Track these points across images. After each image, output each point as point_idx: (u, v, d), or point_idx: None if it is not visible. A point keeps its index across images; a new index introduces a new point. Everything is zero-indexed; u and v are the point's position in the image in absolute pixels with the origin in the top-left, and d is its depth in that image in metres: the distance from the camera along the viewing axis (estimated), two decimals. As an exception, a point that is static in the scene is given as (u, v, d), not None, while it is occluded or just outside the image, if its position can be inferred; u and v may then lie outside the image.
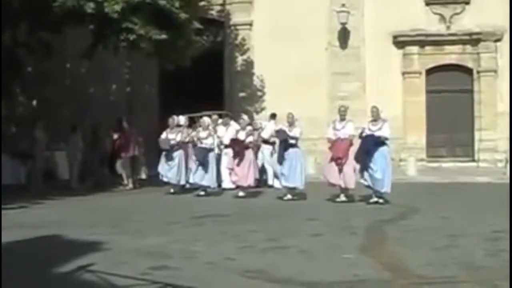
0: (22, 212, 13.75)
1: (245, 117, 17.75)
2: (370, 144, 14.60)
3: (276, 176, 17.39)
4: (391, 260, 8.25)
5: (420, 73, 26.11)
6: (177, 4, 18.56)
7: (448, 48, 26.00)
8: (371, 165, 14.52)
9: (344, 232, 10.54)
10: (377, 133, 14.66)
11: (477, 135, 25.73)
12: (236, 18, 26.81)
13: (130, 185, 19.37)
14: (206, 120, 17.76)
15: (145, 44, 18.42)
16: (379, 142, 14.61)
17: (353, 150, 15.00)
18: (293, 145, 15.80)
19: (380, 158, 14.58)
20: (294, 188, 15.72)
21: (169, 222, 11.87)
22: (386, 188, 14.63)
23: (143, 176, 20.90)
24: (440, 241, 9.45)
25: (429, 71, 26.22)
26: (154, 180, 18.88)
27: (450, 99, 25.73)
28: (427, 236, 9.92)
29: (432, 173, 22.85)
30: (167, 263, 8.03)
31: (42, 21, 18.72)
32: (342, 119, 15.24)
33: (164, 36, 18.18)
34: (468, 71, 25.93)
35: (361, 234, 10.25)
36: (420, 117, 26.05)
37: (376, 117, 14.91)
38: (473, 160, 25.62)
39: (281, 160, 15.82)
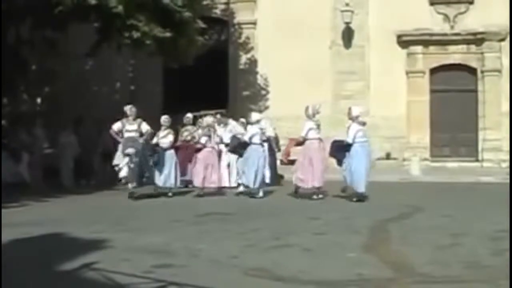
0: (24, 210, 13.77)
1: (207, 118, 17.40)
2: (334, 147, 15.42)
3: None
4: (394, 258, 8.23)
5: (424, 72, 26.09)
6: (179, 2, 18.56)
7: (452, 47, 25.96)
8: (343, 165, 15.11)
9: (347, 231, 10.52)
10: (337, 137, 15.65)
11: (481, 134, 25.69)
12: (240, 16, 26.83)
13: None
14: (164, 119, 17.34)
15: (150, 41, 18.43)
16: (344, 144, 15.07)
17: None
18: (251, 144, 16.17)
19: (348, 159, 14.96)
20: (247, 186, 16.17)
21: (172, 220, 11.88)
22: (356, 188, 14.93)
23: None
24: (444, 240, 9.44)
25: (433, 71, 26.19)
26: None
27: (454, 99, 25.69)
28: (431, 235, 9.91)
29: (435, 173, 22.81)
30: (170, 261, 8.03)
31: (46, 19, 18.73)
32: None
33: (168, 34, 18.19)
34: (472, 70, 25.89)
35: (364, 233, 10.24)
36: (424, 117, 26.03)
37: (349, 118, 15.32)
38: (477, 160, 25.58)
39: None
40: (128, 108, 16.28)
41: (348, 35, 26.11)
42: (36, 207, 14.40)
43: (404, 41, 25.97)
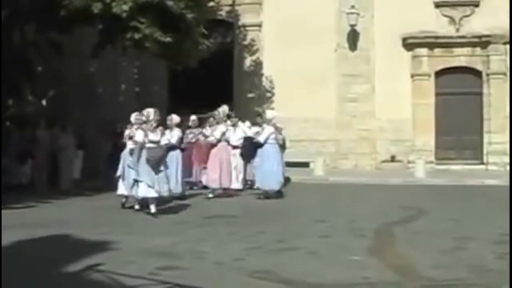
0: (30, 212, 13.78)
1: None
2: (246, 145, 16.67)
3: None
4: (399, 262, 8.24)
5: (429, 75, 26.08)
6: (182, 4, 18.54)
7: (458, 50, 25.96)
8: (253, 163, 16.57)
9: (352, 234, 10.53)
10: (253, 136, 16.78)
11: (486, 137, 25.67)
12: (245, 19, 26.86)
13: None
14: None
15: (150, 44, 18.45)
16: (257, 144, 16.25)
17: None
18: (172, 148, 15.29)
19: (259, 159, 16.20)
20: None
21: (177, 222, 11.90)
22: (269, 186, 16.03)
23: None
24: (449, 243, 9.44)
25: (438, 73, 26.19)
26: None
27: (459, 102, 25.68)
28: (436, 239, 9.91)
29: (440, 176, 22.79)
30: (175, 263, 8.05)
31: (51, 21, 18.75)
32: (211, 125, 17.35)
33: (168, 39, 18.21)
34: (477, 73, 25.88)
35: (369, 236, 10.24)
36: (429, 120, 26.02)
37: (264, 122, 16.48)
38: (482, 163, 25.58)
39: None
40: (152, 112, 13.25)
41: (353, 38, 26.12)
42: (41, 209, 14.41)
43: (409, 44, 25.97)
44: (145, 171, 12.83)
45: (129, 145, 14.03)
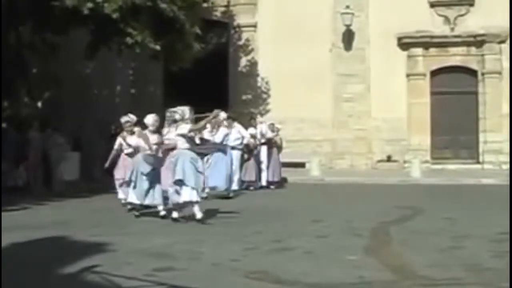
0: (25, 213, 13.76)
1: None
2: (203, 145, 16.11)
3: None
4: (395, 261, 8.23)
5: (424, 74, 26.13)
6: (176, 7, 18.52)
7: (453, 49, 26.02)
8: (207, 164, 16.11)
9: (348, 233, 10.52)
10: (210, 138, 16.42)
11: (481, 137, 25.72)
12: (241, 19, 26.86)
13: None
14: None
15: (140, 50, 18.47)
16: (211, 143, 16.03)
17: None
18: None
19: (214, 159, 16.20)
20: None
21: (173, 223, 11.86)
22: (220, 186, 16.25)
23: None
24: (445, 242, 9.44)
25: (434, 73, 26.25)
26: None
27: (454, 101, 25.75)
28: (432, 238, 9.91)
29: (436, 175, 22.83)
30: (171, 264, 8.03)
31: (46, 22, 18.72)
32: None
33: (157, 47, 18.23)
34: (472, 72, 25.94)
35: (365, 236, 10.24)
36: (425, 119, 26.07)
37: (219, 124, 16.49)
38: (478, 162, 25.61)
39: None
40: (187, 110, 12.40)
41: (348, 38, 26.16)
42: (37, 210, 14.40)
43: (404, 43, 26.01)
44: (192, 173, 11.80)
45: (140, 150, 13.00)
